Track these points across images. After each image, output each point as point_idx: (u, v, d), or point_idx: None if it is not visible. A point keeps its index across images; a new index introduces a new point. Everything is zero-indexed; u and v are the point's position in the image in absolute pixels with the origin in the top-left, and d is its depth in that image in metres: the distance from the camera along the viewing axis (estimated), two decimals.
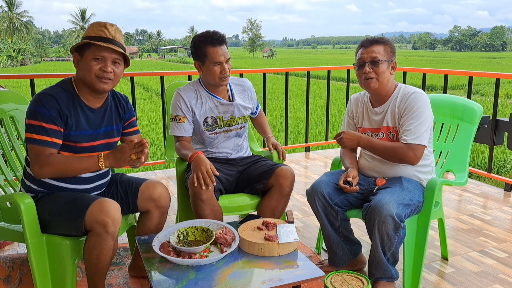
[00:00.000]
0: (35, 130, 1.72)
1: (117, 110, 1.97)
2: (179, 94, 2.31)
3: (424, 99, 2.04)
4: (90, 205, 1.70)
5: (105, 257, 1.75)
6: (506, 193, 3.53)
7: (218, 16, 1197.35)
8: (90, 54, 1.76)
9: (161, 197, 1.97)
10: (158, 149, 8.32)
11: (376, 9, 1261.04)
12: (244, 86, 2.47)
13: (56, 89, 1.78)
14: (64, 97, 1.77)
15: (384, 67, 2.06)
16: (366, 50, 2.07)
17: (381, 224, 1.87)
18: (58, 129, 1.74)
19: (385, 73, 2.06)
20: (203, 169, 2.06)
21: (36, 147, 1.73)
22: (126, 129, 2.03)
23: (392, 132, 2.09)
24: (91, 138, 1.85)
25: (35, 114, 1.72)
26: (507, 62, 46.00)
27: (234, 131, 2.41)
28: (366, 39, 2.13)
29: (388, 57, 2.08)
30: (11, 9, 60.02)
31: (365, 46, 2.09)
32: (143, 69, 34.07)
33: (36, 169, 1.74)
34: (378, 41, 2.10)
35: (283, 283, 1.53)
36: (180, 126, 2.31)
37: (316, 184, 2.13)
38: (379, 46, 2.07)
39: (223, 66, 2.23)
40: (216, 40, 2.22)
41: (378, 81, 2.06)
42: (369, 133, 2.16)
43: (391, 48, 2.10)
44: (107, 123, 1.91)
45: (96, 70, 1.76)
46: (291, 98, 14.09)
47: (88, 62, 1.76)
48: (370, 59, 2.05)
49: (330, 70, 4.93)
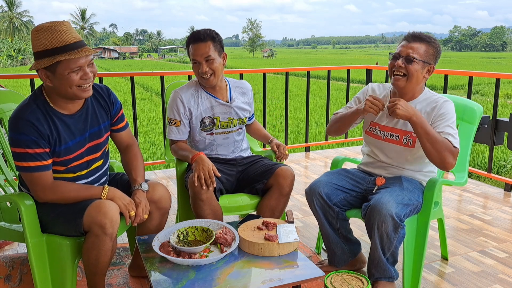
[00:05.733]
0: (22, 157, 1.67)
1: (101, 106, 1.88)
2: (176, 96, 2.30)
3: (453, 108, 2.01)
4: (88, 206, 1.70)
5: (103, 257, 1.75)
6: (506, 193, 3.53)
7: (218, 16, 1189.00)
8: (65, 69, 1.61)
9: (161, 198, 1.96)
10: (158, 149, 8.32)
11: (375, 9, 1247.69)
12: (243, 88, 2.46)
13: (28, 109, 1.67)
14: (40, 115, 1.68)
15: (418, 67, 1.95)
16: (407, 45, 1.96)
17: (381, 224, 1.87)
18: (43, 151, 1.69)
19: (417, 74, 1.95)
20: (205, 169, 2.06)
21: (30, 175, 1.70)
22: (115, 125, 1.97)
23: (409, 137, 2.04)
24: (77, 147, 1.80)
25: (17, 142, 1.65)
26: (507, 62, 45.99)
27: (232, 133, 2.40)
28: (412, 33, 2.00)
29: (427, 58, 1.96)
30: (11, 9, 60.02)
31: (407, 40, 1.98)
32: (143, 69, 34.09)
33: (40, 195, 1.73)
34: (423, 39, 1.97)
35: (283, 283, 1.53)
36: (175, 129, 2.31)
37: (314, 184, 2.13)
38: (422, 44, 1.96)
39: (202, 66, 2.20)
40: (197, 37, 2.20)
41: (407, 81, 1.97)
42: (383, 133, 2.12)
43: (434, 51, 1.97)
44: (91, 124, 1.84)
45: (77, 81, 1.65)
46: (291, 98, 14.09)
47: (65, 76, 1.63)
48: (406, 54, 1.95)
49: (330, 70, 4.93)
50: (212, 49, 2.20)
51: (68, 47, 1.61)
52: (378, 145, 2.16)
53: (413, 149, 2.06)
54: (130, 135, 2.06)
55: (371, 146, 2.21)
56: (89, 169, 1.88)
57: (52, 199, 1.74)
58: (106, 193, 1.77)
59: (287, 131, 4.85)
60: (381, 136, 2.13)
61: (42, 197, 1.73)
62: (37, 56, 1.64)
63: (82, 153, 1.83)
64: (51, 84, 1.67)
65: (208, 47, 2.19)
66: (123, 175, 2.07)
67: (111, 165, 2.24)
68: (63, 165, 1.79)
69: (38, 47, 1.63)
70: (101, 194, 1.76)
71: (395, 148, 2.10)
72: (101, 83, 3.62)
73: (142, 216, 1.81)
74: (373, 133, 2.17)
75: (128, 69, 37.05)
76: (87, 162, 1.86)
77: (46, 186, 1.72)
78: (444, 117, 1.96)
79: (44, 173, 1.71)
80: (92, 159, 1.88)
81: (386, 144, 2.12)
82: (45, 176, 1.71)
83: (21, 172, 1.73)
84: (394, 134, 2.09)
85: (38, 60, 1.63)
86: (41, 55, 1.62)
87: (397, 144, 2.08)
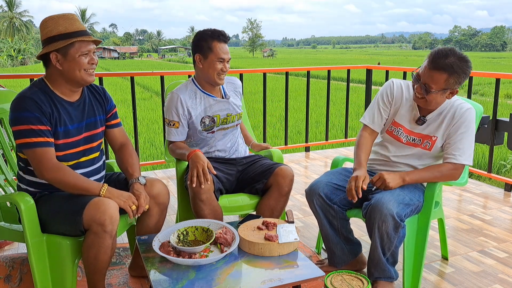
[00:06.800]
0: (25, 134, 1.71)
1: (97, 100, 1.97)
2: (174, 97, 2.29)
3: (474, 115, 2.00)
4: (88, 204, 1.70)
5: (103, 256, 1.75)
6: (506, 193, 3.53)
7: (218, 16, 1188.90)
8: (76, 51, 1.76)
9: (160, 194, 1.97)
10: (158, 149, 8.32)
11: (375, 9, 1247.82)
12: (235, 84, 2.50)
13: (31, 90, 1.77)
14: (42, 96, 1.77)
15: (437, 95, 1.91)
16: (428, 72, 1.87)
17: (381, 223, 1.87)
18: (46, 128, 1.74)
19: (437, 99, 1.93)
20: (199, 167, 2.07)
21: (33, 151, 1.73)
22: (109, 121, 2.04)
23: (428, 141, 2.04)
24: (75, 133, 1.85)
25: (20, 119, 1.71)
26: (507, 62, 45.98)
27: (230, 128, 2.41)
28: (437, 56, 1.85)
29: (447, 86, 1.88)
30: (11, 9, 60.01)
31: (430, 66, 1.87)
32: (143, 69, 34.09)
33: (43, 171, 1.74)
34: (444, 68, 1.84)
35: (283, 283, 1.53)
36: (174, 131, 2.32)
37: (314, 184, 2.13)
38: (443, 74, 1.84)
39: (225, 64, 2.26)
40: (223, 37, 2.26)
41: (427, 104, 1.95)
42: (403, 134, 2.09)
43: (455, 79, 1.86)
44: (88, 114, 1.91)
45: (85, 65, 1.78)
46: (291, 98, 14.09)
47: (76, 59, 1.76)
48: (425, 82, 1.89)
49: (330, 70, 4.93)
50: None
51: (81, 32, 1.78)
52: (396, 145, 2.13)
53: (429, 152, 2.06)
54: (124, 134, 2.10)
55: (387, 144, 2.16)
56: (87, 157, 1.91)
57: (53, 178, 1.75)
58: (104, 190, 1.78)
59: (287, 131, 4.84)
60: (402, 139, 2.10)
61: (44, 175, 1.75)
62: (50, 40, 1.76)
63: (79, 141, 1.87)
64: (60, 68, 1.77)
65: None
66: (119, 174, 2.08)
67: (110, 165, 2.25)
68: (61, 150, 1.81)
69: (51, 33, 1.76)
70: (99, 191, 1.78)
71: (412, 150, 2.09)
72: (101, 83, 3.63)
73: (144, 206, 1.84)
74: (394, 133, 2.13)
75: (128, 69, 37.04)
76: (84, 151, 1.89)
77: (49, 163, 1.74)
78: (460, 128, 1.97)
79: (48, 149, 1.74)
80: (88, 149, 1.92)
81: (405, 146, 2.11)
82: (48, 153, 1.74)
83: (25, 150, 1.74)
84: (417, 138, 2.08)
85: (52, 43, 1.75)
86: (55, 39, 1.75)
87: (416, 147, 2.09)
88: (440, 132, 2.02)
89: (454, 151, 1.97)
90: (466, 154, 1.96)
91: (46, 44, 1.77)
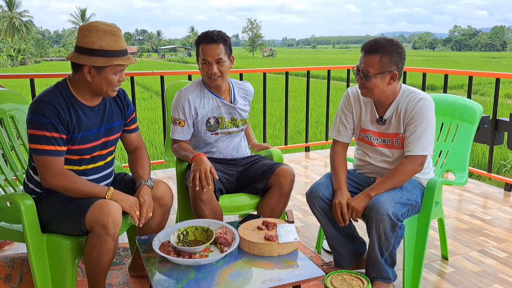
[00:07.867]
0: (38, 140, 1.70)
1: (117, 105, 1.96)
2: (182, 95, 2.29)
3: (430, 105, 1.97)
4: (91, 206, 1.70)
5: (105, 257, 1.75)
6: (506, 193, 3.53)
7: (218, 16, 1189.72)
8: (111, 70, 1.74)
9: (164, 195, 1.97)
10: (158, 149, 8.31)
11: (374, 9, 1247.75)
12: (247, 91, 2.47)
13: (52, 94, 1.75)
14: (62, 102, 1.75)
15: (376, 80, 1.93)
16: (363, 58, 1.95)
17: (379, 223, 1.87)
18: (60, 136, 1.73)
19: (378, 85, 1.94)
20: (202, 170, 2.05)
21: (43, 158, 1.72)
22: (128, 126, 2.04)
23: (398, 139, 2.04)
24: (93, 138, 1.84)
25: (36, 123, 1.70)
26: (507, 62, 45.99)
27: (235, 133, 2.41)
28: (367, 44, 1.97)
29: (383, 69, 1.91)
30: (11, 9, 60.00)
31: (364, 52, 1.96)
32: (143, 69, 34.06)
33: (48, 179, 1.74)
34: (375, 49, 1.91)
35: (283, 283, 1.53)
36: (179, 129, 2.31)
37: (315, 187, 2.13)
38: (375, 56, 1.91)
39: (211, 66, 2.20)
40: (209, 38, 2.20)
41: (371, 93, 1.98)
42: (373, 137, 2.10)
43: (388, 58, 1.91)
44: (107, 120, 1.90)
45: (114, 82, 1.78)
46: (291, 98, 14.09)
47: (109, 77, 1.75)
48: (362, 69, 1.94)
49: (330, 70, 4.93)
50: (223, 51, 2.21)
51: (121, 52, 1.76)
52: (371, 150, 2.14)
53: (401, 150, 2.05)
54: (140, 138, 2.11)
55: (364, 150, 2.18)
56: (101, 162, 1.91)
57: (58, 186, 1.75)
58: (110, 194, 1.78)
59: (287, 131, 4.85)
60: (374, 142, 2.11)
61: (50, 182, 1.75)
62: (89, 52, 1.71)
63: (95, 146, 1.86)
64: (90, 80, 1.75)
65: (219, 49, 2.20)
66: (125, 175, 2.09)
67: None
68: (76, 154, 1.81)
69: (93, 45, 1.70)
70: (105, 194, 1.77)
71: (387, 151, 2.09)
72: None
73: (146, 215, 1.84)
74: (365, 139, 2.15)
75: (128, 69, 36.93)
76: (99, 156, 1.89)
77: (56, 172, 1.73)
78: (416, 120, 1.96)
79: (57, 159, 1.74)
80: (104, 154, 1.92)
81: (379, 149, 2.11)
82: (57, 162, 1.74)
83: (34, 155, 1.74)
84: (386, 139, 2.08)
85: (90, 57, 1.71)
86: (94, 53, 1.70)
87: (389, 148, 2.08)
88: (402, 128, 2.03)
89: (410, 143, 1.97)
90: (422, 145, 1.95)
91: (84, 53, 1.72)
